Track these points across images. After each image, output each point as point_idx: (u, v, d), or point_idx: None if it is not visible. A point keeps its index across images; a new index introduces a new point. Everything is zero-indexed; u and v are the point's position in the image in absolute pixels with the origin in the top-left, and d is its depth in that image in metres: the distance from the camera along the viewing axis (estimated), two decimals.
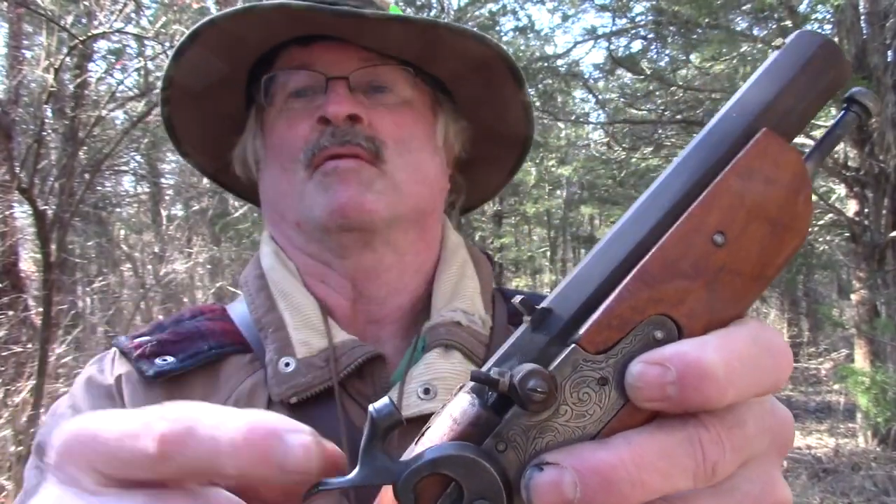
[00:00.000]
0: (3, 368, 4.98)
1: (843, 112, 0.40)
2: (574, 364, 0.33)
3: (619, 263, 0.35)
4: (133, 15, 5.67)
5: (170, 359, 0.74)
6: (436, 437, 0.34)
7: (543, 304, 0.35)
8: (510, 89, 0.83)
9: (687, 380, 0.31)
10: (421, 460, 0.32)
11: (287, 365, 0.73)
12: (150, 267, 9.19)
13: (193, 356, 0.75)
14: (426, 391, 0.71)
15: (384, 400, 0.33)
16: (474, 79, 0.83)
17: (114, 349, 0.80)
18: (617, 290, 0.34)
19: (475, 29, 0.80)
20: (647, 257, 0.34)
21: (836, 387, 8.20)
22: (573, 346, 0.33)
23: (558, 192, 15.62)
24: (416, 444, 0.35)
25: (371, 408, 0.33)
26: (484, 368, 0.33)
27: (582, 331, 0.34)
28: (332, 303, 0.80)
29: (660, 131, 9.07)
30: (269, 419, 0.32)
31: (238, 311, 0.83)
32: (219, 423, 0.32)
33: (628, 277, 0.34)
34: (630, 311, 0.34)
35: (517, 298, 0.36)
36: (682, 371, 0.31)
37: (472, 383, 0.34)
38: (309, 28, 0.77)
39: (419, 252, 0.83)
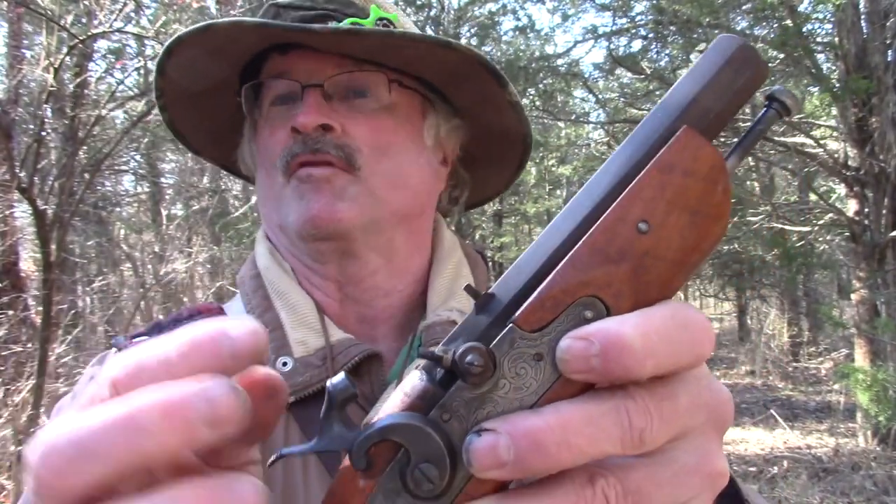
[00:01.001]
0: (3, 368, 4.98)
1: (764, 110, 0.44)
2: (511, 342, 0.37)
3: (554, 251, 0.39)
4: (133, 14, 5.67)
5: None
6: (388, 408, 0.37)
7: (488, 290, 0.39)
8: (493, 90, 0.83)
9: (608, 352, 0.34)
10: (372, 428, 0.36)
11: (284, 364, 0.73)
12: (150, 267, 9.19)
13: None
14: None
15: (340, 375, 0.37)
16: (459, 81, 0.82)
17: (113, 349, 0.80)
18: (551, 275, 0.38)
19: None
20: (578, 245, 0.38)
21: (836, 387, 8.20)
22: (511, 325, 0.37)
23: (558, 191, 15.63)
24: (372, 413, 0.38)
25: (328, 382, 0.37)
26: (431, 349, 0.37)
27: (519, 312, 0.37)
28: (322, 302, 0.80)
29: None
30: (206, 325, 0.33)
31: (235, 310, 0.83)
32: (162, 345, 0.33)
33: (561, 263, 0.38)
34: (562, 293, 0.37)
35: (463, 284, 0.39)
36: (604, 344, 0.34)
37: (422, 361, 0.38)
38: (273, 39, 0.78)
39: (410, 254, 0.83)
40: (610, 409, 0.35)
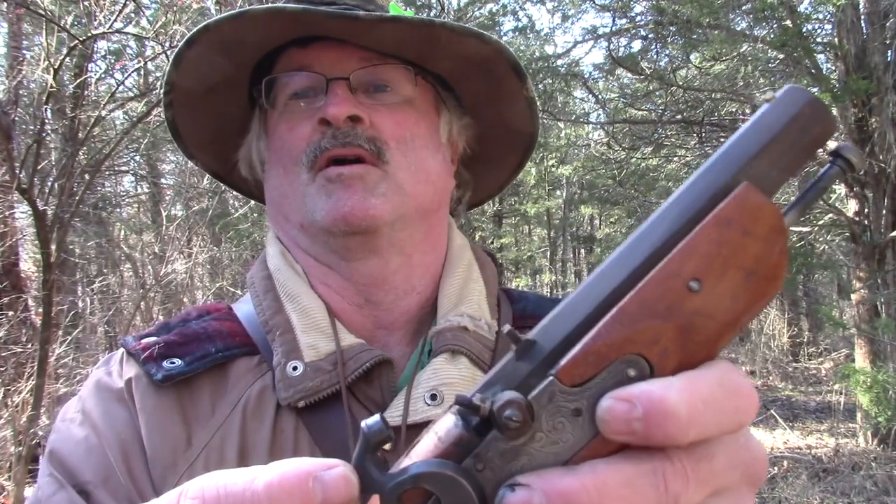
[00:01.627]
0: (3, 368, 4.98)
1: (828, 166, 0.42)
2: (551, 395, 0.36)
3: (601, 302, 0.38)
4: (133, 15, 5.67)
5: (177, 361, 0.74)
6: (421, 452, 0.37)
7: (528, 336, 0.38)
8: (513, 85, 0.83)
9: (651, 417, 0.34)
10: (405, 475, 0.35)
11: (295, 369, 0.72)
12: (150, 267, 9.18)
13: (201, 359, 0.75)
14: (433, 397, 0.71)
15: (375, 417, 0.36)
16: (477, 76, 0.82)
17: (121, 350, 0.79)
18: (595, 328, 0.36)
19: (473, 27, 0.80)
20: (625, 299, 0.37)
21: (836, 387, 8.19)
22: (551, 378, 0.36)
23: (558, 192, 15.62)
24: (405, 456, 0.37)
25: (363, 424, 0.36)
26: (469, 395, 0.36)
27: (560, 364, 0.36)
28: (337, 307, 0.79)
29: (660, 131, 9.06)
30: (299, 462, 0.34)
31: (244, 310, 0.82)
32: (249, 478, 0.34)
33: (607, 316, 0.37)
34: (606, 348, 0.36)
35: (505, 328, 0.38)
36: (648, 409, 0.34)
37: (457, 406, 0.37)
38: (306, 29, 0.77)
39: (426, 252, 0.82)
40: (647, 471, 0.34)
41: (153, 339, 0.77)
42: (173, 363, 0.74)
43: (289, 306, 0.77)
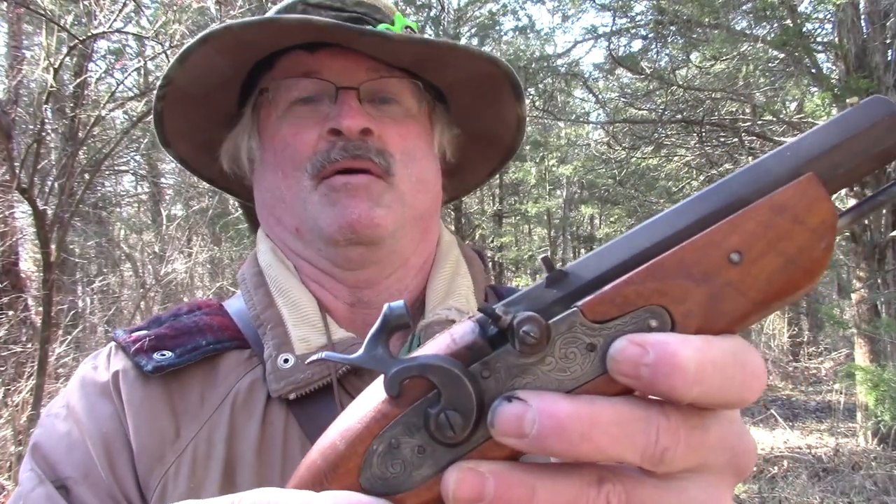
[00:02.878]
0: (3, 368, 4.98)
1: (893, 182, 0.42)
2: (571, 324, 0.37)
3: (641, 251, 0.39)
4: (133, 15, 5.67)
5: (168, 353, 0.74)
6: (433, 348, 0.38)
7: (563, 267, 0.39)
8: (509, 104, 0.85)
9: (660, 366, 0.34)
10: (414, 362, 0.37)
11: (286, 361, 0.73)
12: (150, 267, 9.19)
13: (192, 351, 0.75)
14: None
15: (399, 302, 0.38)
16: (473, 93, 0.84)
17: (111, 344, 0.79)
18: (629, 273, 0.37)
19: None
20: (666, 254, 0.38)
21: (836, 386, 8.19)
22: (575, 309, 0.37)
23: (558, 191, 15.61)
24: (417, 349, 0.39)
25: (386, 305, 0.38)
26: (493, 306, 0.37)
27: (588, 299, 0.37)
28: (329, 304, 0.80)
29: (660, 131, 9.06)
30: (349, 496, 0.36)
31: (235, 306, 0.83)
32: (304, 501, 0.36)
33: (644, 266, 0.37)
34: (635, 294, 0.37)
35: (541, 256, 0.39)
36: (659, 357, 0.34)
37: (478, 314, 0.38)
38: (322, 37, 0.77)
39: (421, 252, 0.84)
40: (641, 418, 0.35)
41: (144, 332, 0.77)
42: (164, 355, 0.74)
43: (280, 301, 0.78)
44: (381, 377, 0.37)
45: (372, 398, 0.39)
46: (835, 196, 0.41)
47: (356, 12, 0.78)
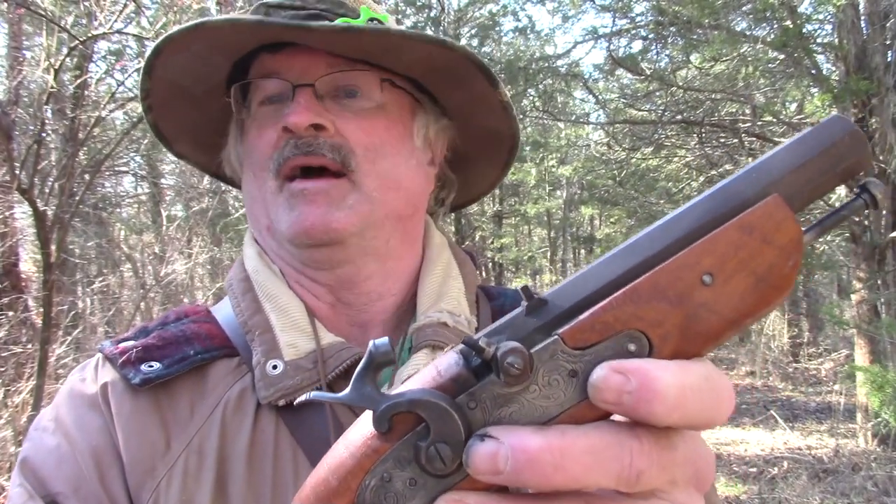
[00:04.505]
0: (3, 369, 4.98)
1: (853, 197, 0.44)
2: (552, 352, 0.38)
3: (615, 278, 0.40)
4: (133, 15, 5.67)
5: (156, 365, 0.73)
6: (419, 381, 0.39)
7: (542, 296, 0.40)
8: (484, 89, 0.82)
9: (642, 393, 0.35)
10: (402, 398, 0.38)
11: (275, 367, 0.72)
12: (150, 267, 9.18)
13: (180, 361, 0.74)
14: None
15: (384, 339, 0.39)
16: (449, 81, 0.82)
17: (97, 356, 0.79)
18: (607, 300, 0.39)
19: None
20: (641, 278, 0.39)
21: (836, 387, 8.18)
22: (556, 337, 0.38)
23: (558, 192, 15.62)
24: (401, 384, 0.40)
25: (371, 343, 0.39)
26: (475, 337, 0.38)
27: (567, 326, 0.38)
28: (313, 305, 0.79)
29: (660, 131, 9.06)
30: None
31: (223, 312, 0.82)
32: None
33: (620, 291, 0.39)
34: (613, 319, 0.38)
35: (521, 286, 0.40)
36: (641, 384, 0.36)
37: (461, 346, 0.39)
38: (270, 37, 0.76)
39: (402, 256, 0.82)
40: (613, 444, 0.36)
41: (131, 343, 0.76)
42: (151, 367, 0.73)
43: (267, 306, 0.77)
44: (369, 412, 0.38)
45: (361, 433, 0.39)
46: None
47: (317, 9, 0.77)
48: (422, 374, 0.40)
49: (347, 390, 0.38)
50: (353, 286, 0.79)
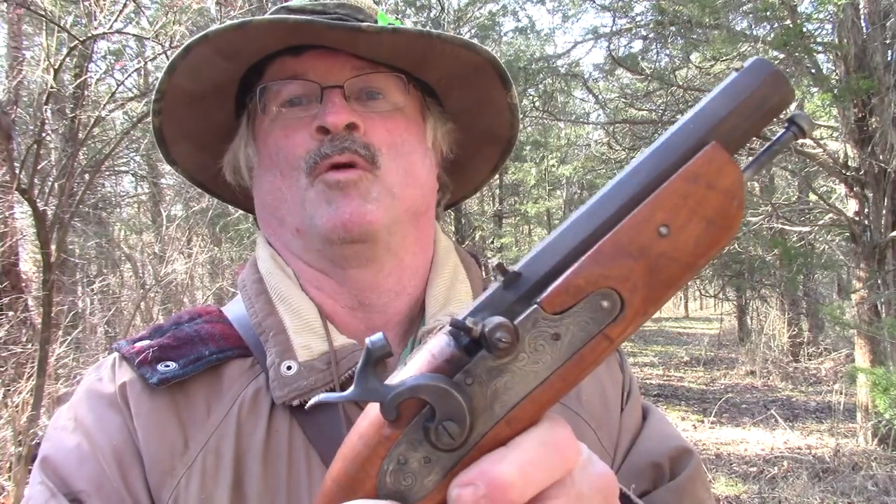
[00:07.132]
0: (3, 369, 4.98)
1: (783, 131, 0.47)
2: (535, 321, 0.41)
3: (579, 243, 0.43)
4: (133, 15, 5.67)
5: (172, 364, 0.74)
6: (415, 367, 0.42)
7: (515, 268, 0.43)
8: (498, 92, 0.85)
9: (494, 492, 0.40)
10: (404, 386, 0.41)
11: (289, 368, 0.73)
12: (150, 267, 9.18)
13: (195, 361, 0.75)
14: None
15: (378, 334, 0.42)
16: (463, 83, 0.85)
17: (114, 355, 0.79)
18: (575, 264, 0.42)
19: (470, 33, 0.81)
20: (603, 239, 0.42)
21: (836, 387, 8.18)
22: (535, 306, 0.41)
23: (558, 192, 15.62)
24: (398, 371, 0.43)
25: (367, 340, 0.42)
26: (460, 318, 0.41)
27: (544, 295, 0.41)
28: (329, 309, 0.80)
29: (660, 131, 9.06)
30: None
31: (235, 313, 0.83)
32: None
33: (586, 255, 0.42)
34: (584, 282, 0.41)
35: (494, 261, 0.43)
36: (489, 485, 0.40)
37: (450, 328, 0.42)
38: (302, 38, 0.78)
39: (416, 253, 0.84)
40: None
41: (147, 342, 0.77)
42: (168, 366, 0.74)
43: (281, 308, 0.78)
44: (374, 404, 0.41)
45: (372, 423, 0.42)
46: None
47: (337, 13, 0.79)
48: (417, 359, 0.42)
49: (352, 388, 0.41)
50: (376, 286, 0.80)
